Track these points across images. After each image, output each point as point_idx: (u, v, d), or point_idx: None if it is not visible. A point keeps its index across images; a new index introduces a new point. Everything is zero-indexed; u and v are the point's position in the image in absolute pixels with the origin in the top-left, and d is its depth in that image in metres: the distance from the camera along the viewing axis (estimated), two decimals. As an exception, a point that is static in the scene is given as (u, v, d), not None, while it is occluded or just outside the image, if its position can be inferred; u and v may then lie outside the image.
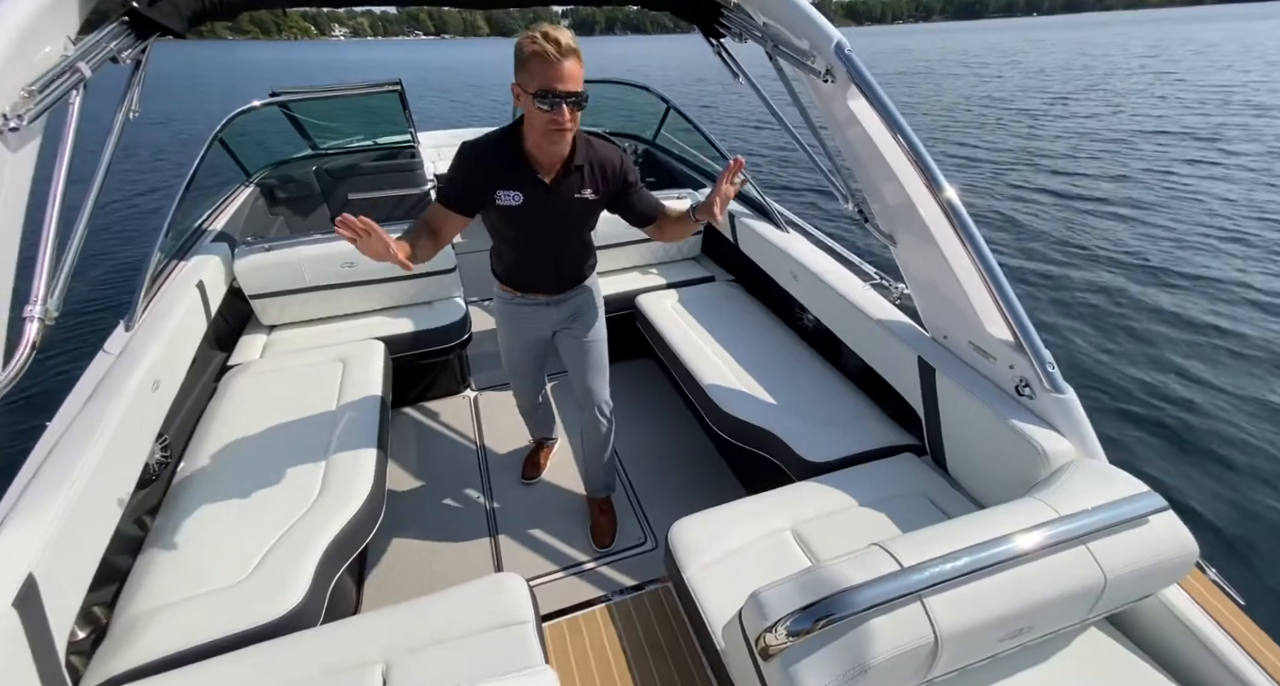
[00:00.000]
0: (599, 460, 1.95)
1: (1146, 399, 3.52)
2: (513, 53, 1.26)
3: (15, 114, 1.00)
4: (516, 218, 1.46)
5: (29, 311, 1.08)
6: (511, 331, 1.79)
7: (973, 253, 1.29)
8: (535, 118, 1.28)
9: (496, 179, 1.41)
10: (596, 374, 1.82)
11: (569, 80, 1.22)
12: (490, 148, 1.40)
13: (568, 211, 1.49)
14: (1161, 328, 4.35)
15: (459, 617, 1.15)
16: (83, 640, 1.21)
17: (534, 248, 1.57)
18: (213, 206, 2.86)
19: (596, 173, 1.48)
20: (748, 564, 1.28)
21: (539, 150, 1.38)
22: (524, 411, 2.12)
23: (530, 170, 1.41)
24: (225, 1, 1.47)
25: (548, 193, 1.43)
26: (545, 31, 1.20)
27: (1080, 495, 1.03)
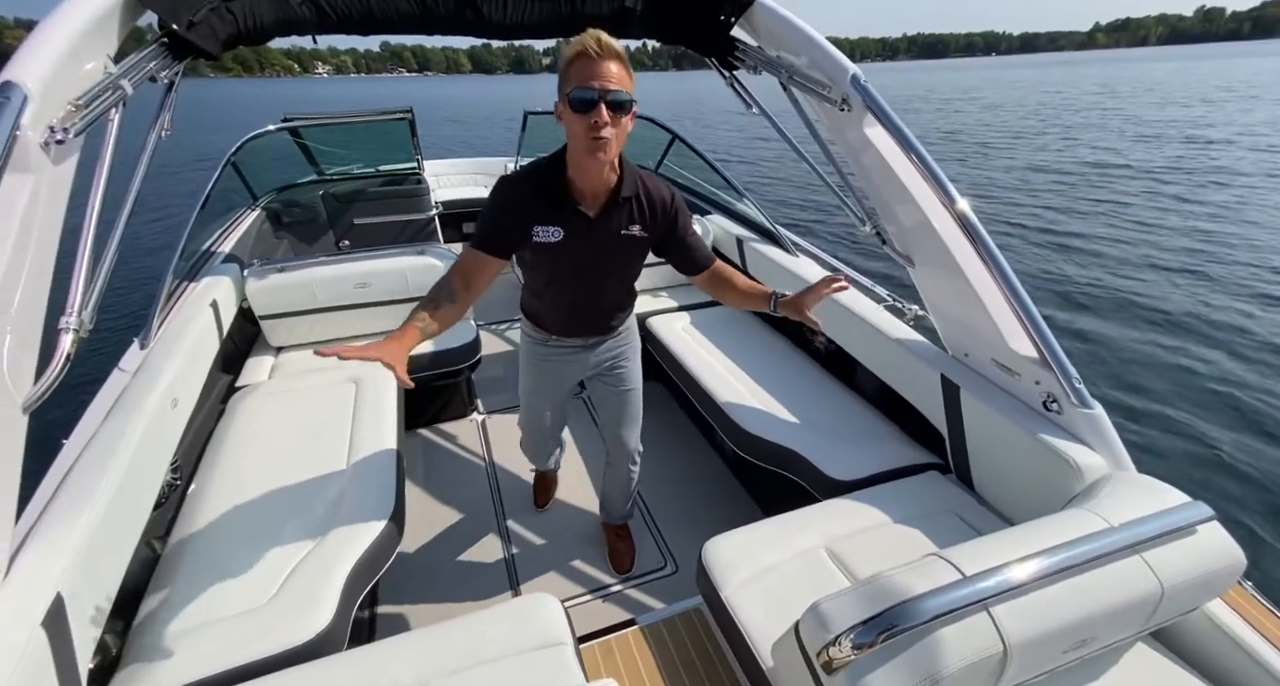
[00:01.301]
0: (623, 496, 1.92)
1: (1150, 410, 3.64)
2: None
3: (61, 127, 1.01)
4: (556, 256, 1.31)
5: (64, 323, 1.06)
6: (538, 376, 1.62)
7: (993, 269, 1.33)
8: (574, 127, 1.14)
9: (535, 214, 1.26)
10: (631, 424, 1.73)
11: (609, 79, 1.09)
12: (528, 179, 1.27)
13: (613, 250, 1.34)
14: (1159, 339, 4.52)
15: (495, 639, 1.11)
16: (95, 669, 1.15)
17: (573, 290, 1.42)
18: (220, 229, 2.85)
19: (646, 208, 1.33)
20: (785, 581, 1.26)
21: (582, 174, 1.24)
22: (534, 458, 2.00)
23: (572, 202, 1.26)
24: (257, 27, 1.50)
25: (591, 228, 1.28)
26: (590, 32, 1.11)
27: (1128, 505, 1.03)
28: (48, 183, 1.00)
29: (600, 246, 1.32)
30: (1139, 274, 5.84)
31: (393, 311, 2.49)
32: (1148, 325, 4.76)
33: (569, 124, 1.15)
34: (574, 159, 1.23)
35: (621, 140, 1.19)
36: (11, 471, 0.94)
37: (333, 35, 1.66)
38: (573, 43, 1.13)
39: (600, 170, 1.23)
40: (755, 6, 1.69)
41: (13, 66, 0.98)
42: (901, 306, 2.01)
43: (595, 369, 1.62)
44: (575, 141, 1.17)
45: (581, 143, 1.15)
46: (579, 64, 1.10)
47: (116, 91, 1.15)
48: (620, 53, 1.12)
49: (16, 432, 0.95)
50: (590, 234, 1.29)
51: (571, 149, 1.21)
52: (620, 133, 1.17)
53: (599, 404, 1.74)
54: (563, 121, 1.18)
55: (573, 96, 1.10)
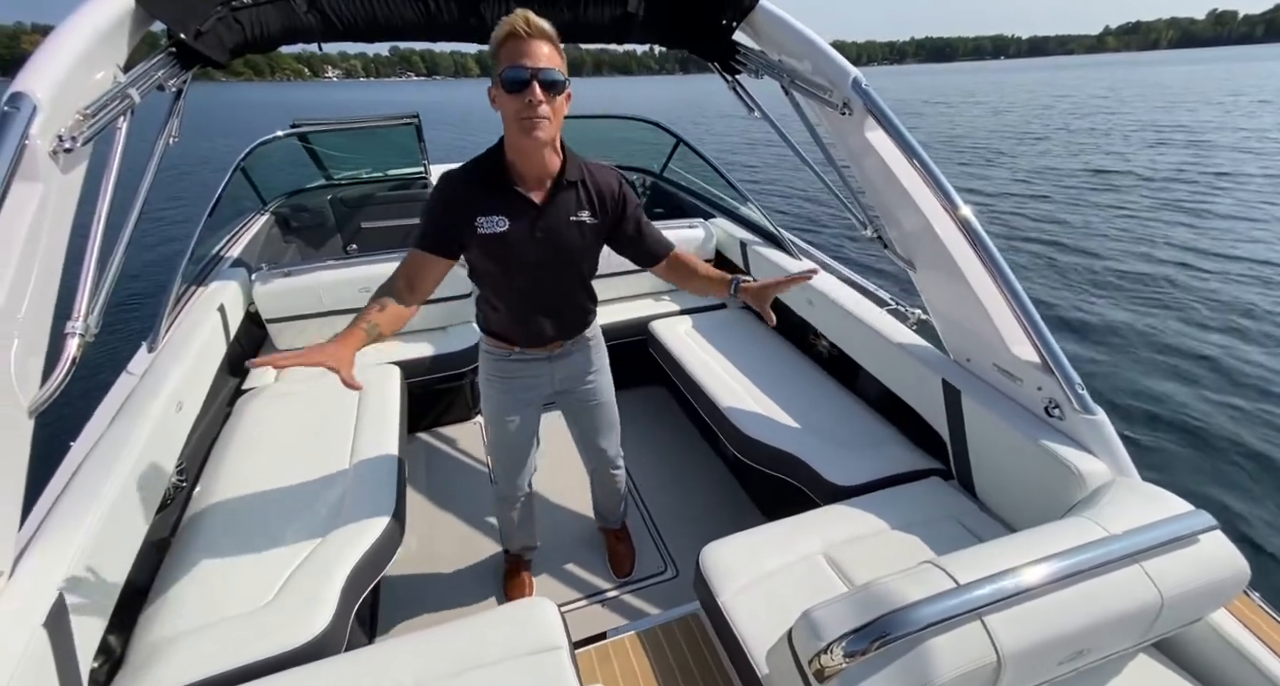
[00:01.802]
0: (613, 501, 1.90)
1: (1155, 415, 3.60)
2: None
3: (70, 135, 1.03)
4: (504, 248, 1.24)
5: (70, 327, 1.08)
6: (503, 394, 1.51)
7: (995, 274, 1.33)
8: (508, 108, 1.10)
9: (477, 205, 1.22)
10: (607, 434, 1.69)
11: (540, 58, 1.07)
12: (468, 171, 1.24)
13: (563, 238, 1.28)
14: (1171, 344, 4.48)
15: (492, 643, 1.12)
16: (98, 669, 1.16)
17: (527, 288, 1.35)
18: (229, 233, 2.88)
19: (593, 193, 1.30)
20: (784, 588, 1.25)
21: (522, 157, 1.19)
22: (508, 504, 1.72)
23: (514, 189, 1.22)
24: (264, 35, 1.52)
25: (538, 214, 1.24)
26: (518, 11, 1.08)
27: (1128, 514, 1.02)
28: (56, 190, 1.02)
29: (549, 234, 1.27)
30: (1144, 279, 5.79)
31: None
32: (1153, 332, 4.72)
33: (503, 106, 1.13)
34: (512, 142, 1.19)
35: (558, 121, 1.17)
36: (17, 474, 0.96)
37: (338, 43, 1.68)
38: (501, 23, 1.09)
39: (539, 152, 1.19)
40: (757, 10, 1.70)
41: (23, 77, 1.00)
42: (904, 310, 2.01)
43: (563, 384, 1.55)
44: (510, 123, 1.14)
45: (516, 123, 1.12)
46: (509, 45, 1.08)
47: (124, 100, 1.17)
48: (550, 33, 1.10)
49: (22, 435, 0.96)
50: (537, 221, 1.25)
51: (508, 132, 1.18)
52: (556, 114, 1.14)
53: (572, 420, 1.68)
54: (497, 105, 1.14)
55: (505, 76, 1.08)
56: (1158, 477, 1.17)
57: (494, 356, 1.49)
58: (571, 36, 1.78)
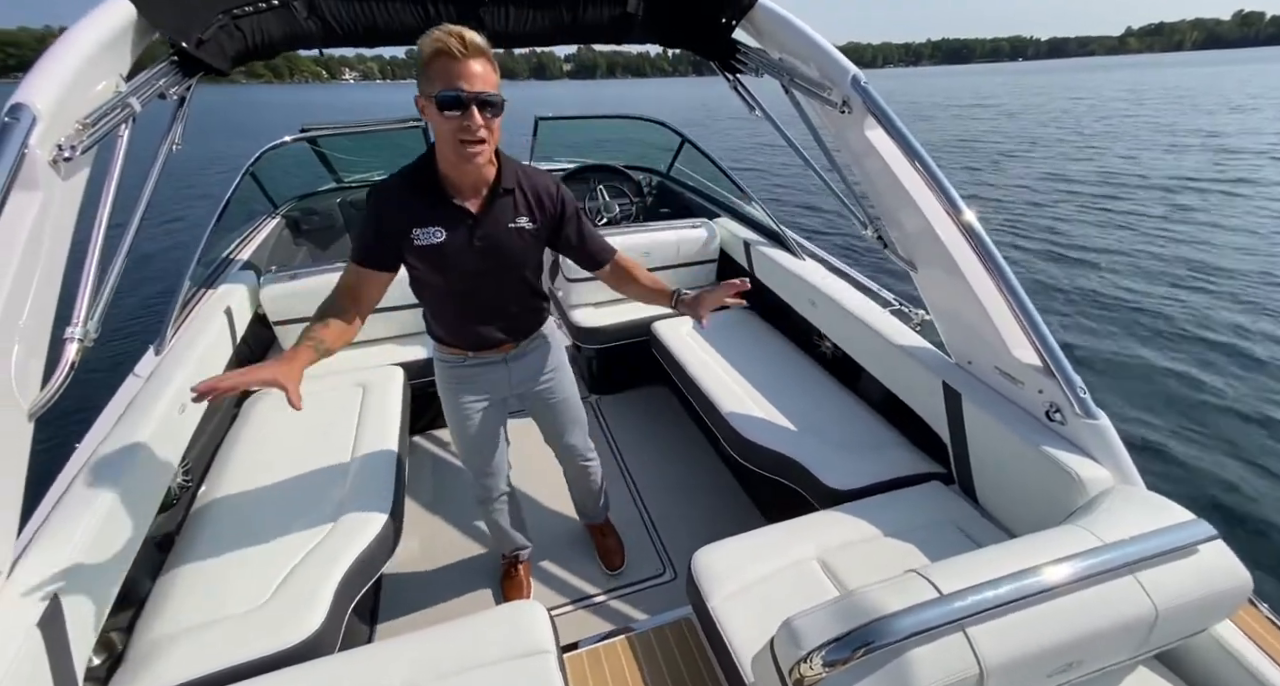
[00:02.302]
0: (592, 495, 1.90)
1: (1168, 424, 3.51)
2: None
3: (69, 145, 1.05)
4: (442, 260, 1.22)
5: (70, 333, 1.10)
6: (460, 400, 1.49)
7: (996, 276, 1.30)
8: (442, 128, 1.08)
9: (411, 217, 1.19)
10: (574, 429, 1.67)
11: (476, 80, 1.04)
12: (400, 183, 1.21)
13: (503, 245, 1.26)
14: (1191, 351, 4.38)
15: (480, 646, 1.12)
16: (99, 666, 1.18)
17: (472, 296, 1.32)
18: (240, 237, 2.92)
19: (531, 199, 1.28)
20: (775, 593, 1.24)
21: (456, 172, 1.18)
22: (489, 507, 1.70)
23: (449, 200, 1.20)
24: (265, 43, 1.54)
25: (475, 224, 1.21)
26: (448, 28, 1.03)
27: (1124, 522, 0.99)
28: (56, 199, 1.04)
29: (488, 242, 1.24)
30: (1154, 285, 5.65)
31: (401, 316, 2.52)
32: (1162, 338, 4.61)
33: (437, 124, 1.09)
34: (447, 159, 1.17)
35: (496, 138, 1.15)
36: (16, 476, 0.97)
37: (339, 48, 1.69)
38: (431, 37, 1.04)
39: (478, 168, 1.18)
40: (756, 9, 1.69)
41: (23, 88, 1.02)
42: (908, 311, 1.98)
43: (521, 386, 1.53)
44: (446, 143, 1.11)
45: (452, 146, 1.10)
46: (441, 63, 1.04)
47: (125, 109, 1.19)
48: (485, 49, 1.06)
49: (22, 438, 0.98)
50: (475, 230, 1.22)
51: (442, 149, 1.15)
52: (494, 132, 1.12)
53: (538, 419, 1.67)
54: (427, 117, 1.11)
55: (439, 98, 1.04)
56: (1165, 485, 1.14)
57: (448, 364, 1.47)
58: (571, 37, 1.79)
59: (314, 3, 1.54)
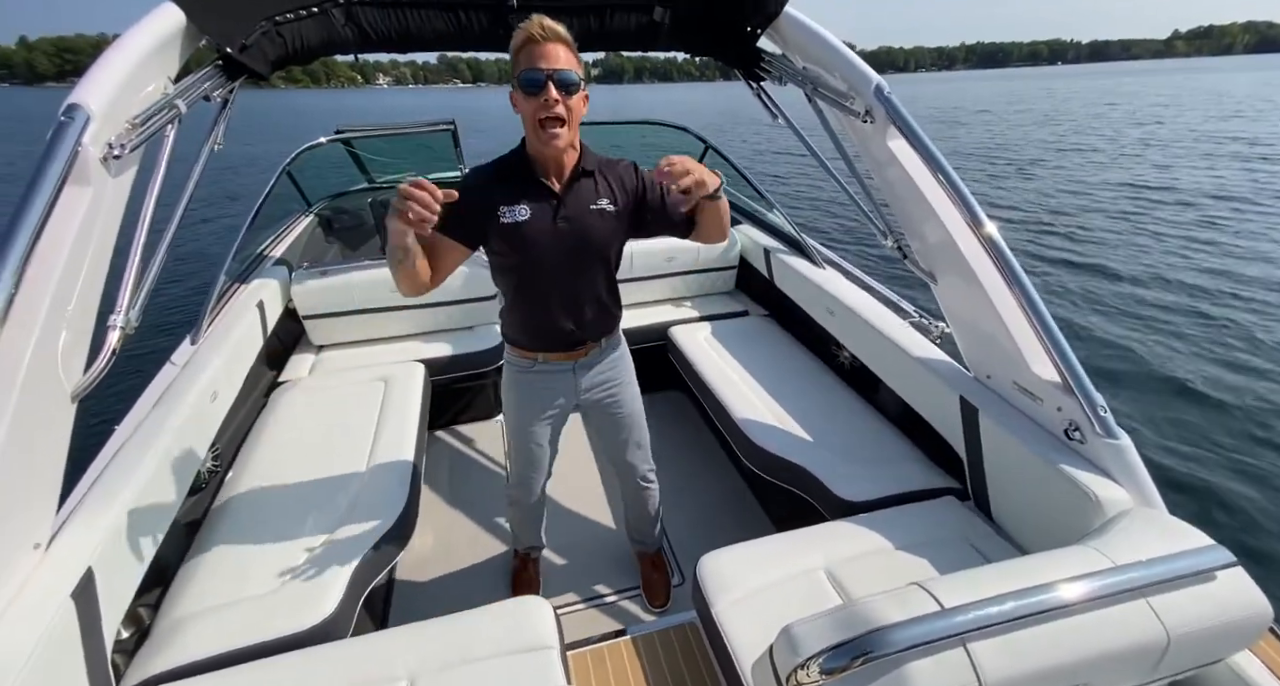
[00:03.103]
0: (648, 520, 1.84)
1: (1195, 448, 3.35)
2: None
3: (119, 143, 1.11)
4: (524, 239, 1.25)
5: (113, 320, 1.16)
6: (524, 405, 1.49)
7: (1016, 290, 1.29)
8: (526, 109, 1.14)
9: (499, 195, 1.24)
10: (636, 448, 1.65)
11: (556, 60, 1.11)
12: (491, 165, 1.29)
13: (586, 226, 1.28)
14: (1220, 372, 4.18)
15: (485, 639, 1.14)
16: (126, 639, 1.24)
17: (553, 281, 1.32)
18: (274, 234, 3.03)
19: (612, 182, 1.31)
20: (779, 601, 1.23)
21: (539, 154, 1.23)
22: (521, 508, 1.75)
23: (535, 179, 1.25)
24: (304, 48, 1.61)
25: (559, 203, 1.25)
26: (531, 18, 1.11)
27: (1138, 545, 0.97)
28: (105, 194, 1.10)
29: (570, 222, 1.27)
30: (1185, 302, 5.39)
31: (424, 314, 2.60)
32: (1192, 359, 4.38)
33: (522, 108, 1.16)
34: (531, 143, 1.23)
35: (575, 121, 1.19)
36: (58, 454, 1.03)
37: (373, 53, 1.75)
38: (517, 30, 1.12)
39: (558, 150, 1.22)
40: (781, 17, 1.69)
41: (79, 89, 1.09)
42: (928, 323, 1.95)
43: (587, 394, 1.51)
44: (529, 124, 1.17)
45: (534, 124, 1.16)
46: (526, 49, 1.12)
47: (172, 110, 1.26)
48: (565, 37, 1.13)
49: (65, 419, 1.04)
50: (559, 209, 1.26)
51: (528, 133, 1.21)
52: (573, 114, 1.17)
53: (598, 432, 1.65)
54: (518, 109, 1.18)
55: (522, 79, 1.12)
56: (1188, 510, 1.10)
57: (516, 367, 1.47)
58: (598, 44, 1.82)
59: (351, 10, 1.60)
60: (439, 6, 1.65)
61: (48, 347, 0.98)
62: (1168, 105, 26.22)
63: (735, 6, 1.74)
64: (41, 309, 0.96)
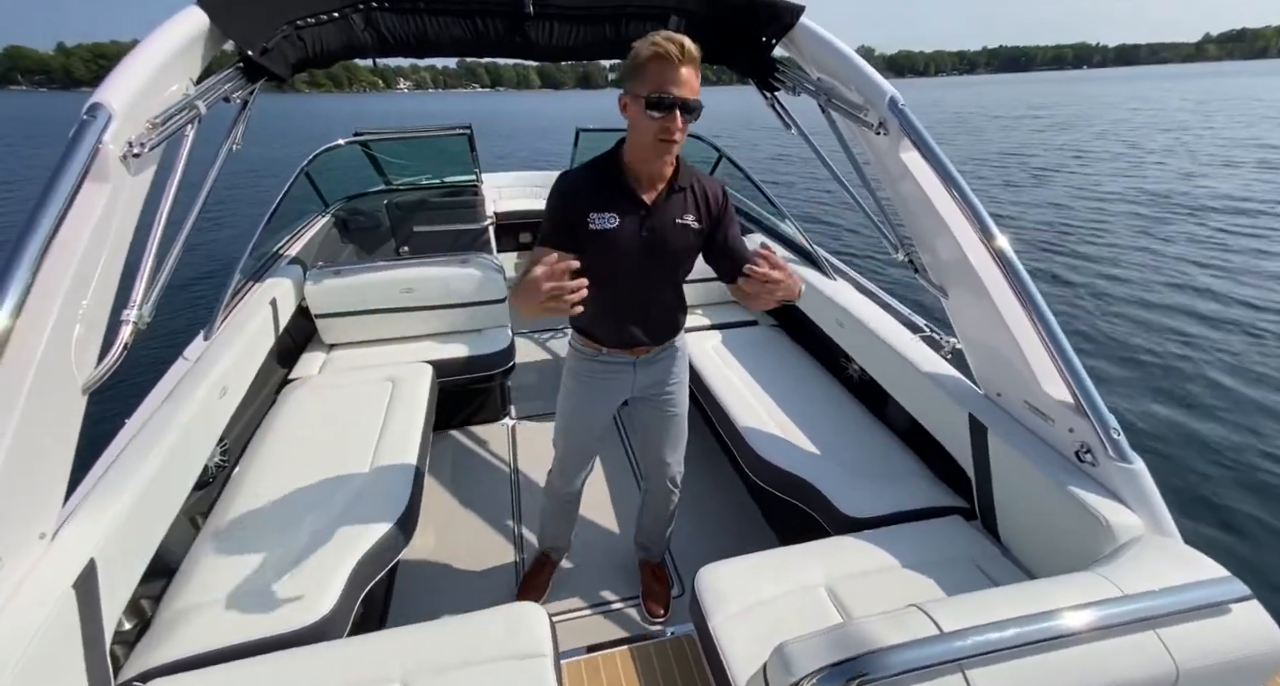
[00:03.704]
0: (660, 526, 1.83)
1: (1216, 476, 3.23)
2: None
3: (139, 142, 1.14)
4: (611, 245, 1.27)
5: (126, 315, 1.18)
6: (583, 394, 1.53)
7: (1029, 307, 1.26)
8: (644, 127, 1.16)
9: (591, 202, 1.26)
10: (674, 449, 1.66)
11: (685, 86, 1.13)
12: (584, 171, 1.30)
13: (668, 239, 1.31)
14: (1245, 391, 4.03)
15: (479, 643, 1.14)
16: (128, 631, 1.26)
17: (627, 286, 1.36)
18: (290, 234, 3.08)
19: (700, 199, 1.33)
20: (777, 617, 1.21)
21: (642, 166, 1.25)
22: (557, 499, 1.78)
23: (629, 189, 1.27)
24: (324, 52, 1.63)
25: (648, 214, 1.28)
26: (668, 34, 1.11)
27: (1149, 574, 0.94)
28: (124, 191, 1.13)
29: (655, 234, 1.30)
30: (1210, 321, 5.19)
31: (435, 315, 2.61)
32: (1216, 382, 4.19)
33: (638, 121, 1.17)
34: (637, 153, 1.24)
35: (683, 140, 1.22)
36: (67, 445, 1.05)
37: (392, 57, 1.78)
38: (652, 40, 1.11)
39: (666, 166, 1.26)
40: (797, 28, 1.69)
41: (103, 89, 1.11)
42: (939, 338, 1.92)
43: (642, 390, 1.54)
44: (643, 138, 1.19)
45: (650, 141, 1.18)
46: (656, 66, 1.11)
47: (191, 111, 1.28)
48: (697, 57, 1.13)
49: (75, 410, 1.06)
50: (646, 220, 1.28)
51: (636, 144, 1.23)
52: (684, 133, 1.20)
53: (641, 427, 1.65)
54: (627, 114, 1.19)
55: (651, 99, 1.12)
56: (1205, 540, 1.06)
57: (581, 355, 1.51)
58: (613, 52, 1.82)
59: (370, 15, 1.62)
60: (457, 13, 1.67)
61: (62, 340, 1.00)
62: (1192, 111, 25.54)
63: (750, 16, 1.74)
64: (57, 302, 0.97)
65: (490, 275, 2.61)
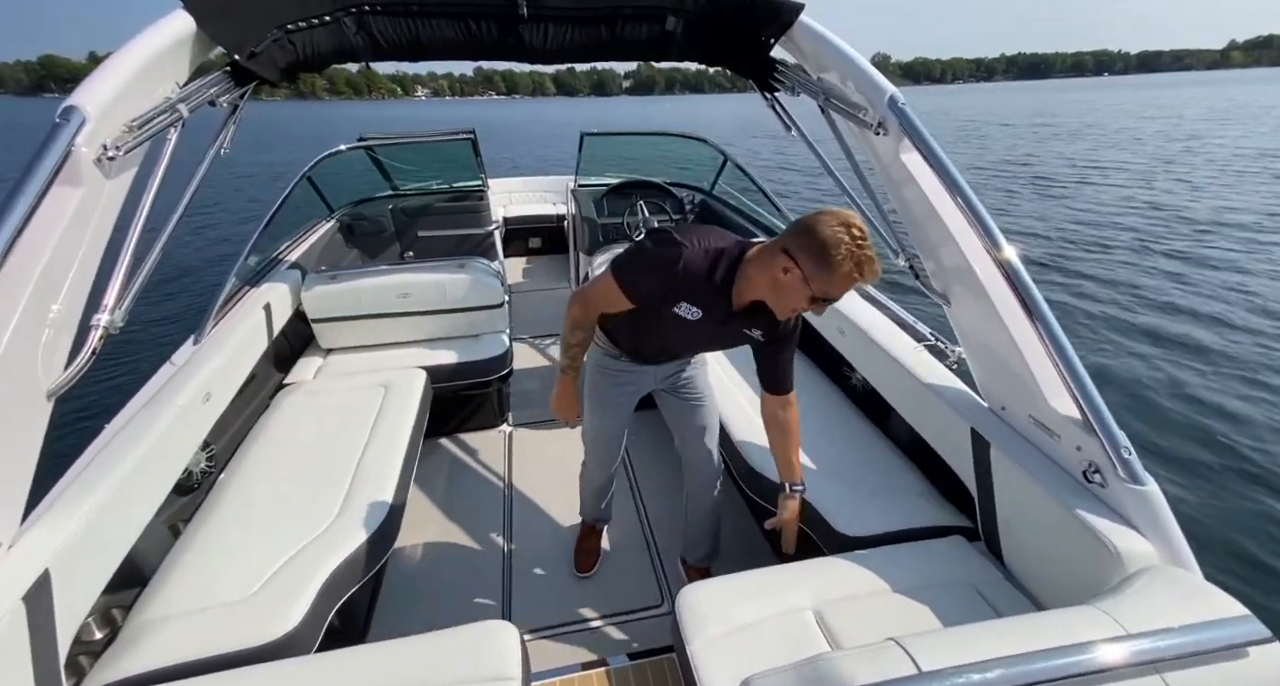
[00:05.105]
0: (708, 526, 1.81)
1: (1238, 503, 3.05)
2: (806, 228, 1.12)
3: (115, 145, 1.12)
4: (681, 328, 1.38)
5: (96, 320, 1.16)
6: (606, 387, 1.64)
7: (1035, 317, 1.20)
8: (794, 300, 1.19)
9: (689, 294, 1.32)
10: (710, 435, 1.70)
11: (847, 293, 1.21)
12: (703, 273, 1.29)
13: (730, 338, 1.43)
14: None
15: (447, 665, 1.09)
16: (97, 641, 1.23)
17: (673, 344, 1.53)
18: (292, 238, 3.08)
19: (776, 321, 1.37)
20: (759, 642, 1.15)
21: (753, 296, 1.29)
22: (593, 486, 1.89)
23: (726, 300, 1.32)
24: (315, 56, 1.62)
25: (727, 318, 1.35)
26: (869, 254, 1.08)
27: (1156, 609, 0.87)
28: (98, 194, 1.11)
29: (723, 332, 1.39)
30: (1227, 336, 4.91)
31: (431, 320, 2.59)
32: (1240, 400, 3.96)
33: (793, 293, 1.18)
34: (763, 294, 1.26)
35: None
36: (30, 451, 1.02)
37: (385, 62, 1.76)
38: (856, 243, 1.08)
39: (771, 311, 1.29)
40: (796, 26, 1.66)
41: (78, 92, 1.10)
42: (944, 347, 1.84)
43: (663, 382, 1.66)
44: (782, 301, 1.22)
45: (785, 308, 1.23)
46: (846, 275, 1.10)
47: (173, 114, 1.26)
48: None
49: (40, 416, 1.03)
50: (724, 324, 1.36)
51: (768, 293, 1.24)
52: None
53: (672, 418, 1.72)
54: (785, 276, 1.17)
55: (823, 296, 1.16)
56: (1224, 571, 0.97)
57: (603, 352, 1.62)
58: (610, 54, 1.79)
59: (362, 18, 1.61)
60: (450, 16, 1.65)
61: (26, 344, 0.98)
62: (1209, 119, 24.83)
63: (749, 15, 1.71)
64: (19, 305, 0.95)
65: (488, 280, 2.58)
